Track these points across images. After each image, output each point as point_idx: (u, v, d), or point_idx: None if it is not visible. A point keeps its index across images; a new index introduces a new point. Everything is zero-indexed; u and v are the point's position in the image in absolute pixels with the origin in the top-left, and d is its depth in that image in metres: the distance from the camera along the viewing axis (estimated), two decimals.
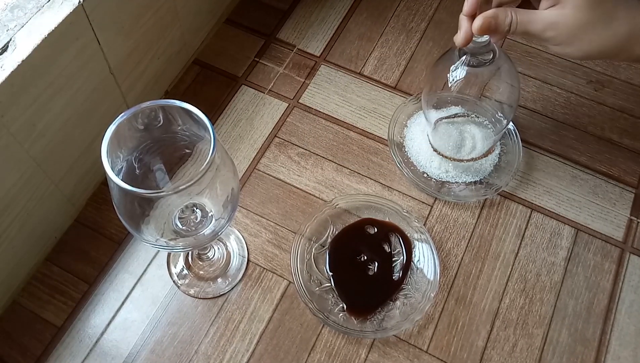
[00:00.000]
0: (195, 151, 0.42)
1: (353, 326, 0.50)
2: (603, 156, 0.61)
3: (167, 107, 0.38)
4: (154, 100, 0.37)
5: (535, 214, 0.57)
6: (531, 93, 0.65)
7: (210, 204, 0.43)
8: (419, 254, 0.54)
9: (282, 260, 0.54)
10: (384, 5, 0.71)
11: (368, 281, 0.53)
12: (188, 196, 0.40)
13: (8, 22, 0.43)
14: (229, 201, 0.41)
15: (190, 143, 0.41)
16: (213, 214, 0.43)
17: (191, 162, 0.42)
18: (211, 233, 0.43)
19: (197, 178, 0.34)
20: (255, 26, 0.69)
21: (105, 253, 0.54)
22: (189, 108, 0.37)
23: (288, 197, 0.58)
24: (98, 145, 0.35)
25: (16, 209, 0.47)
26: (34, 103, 0.44)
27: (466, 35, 0.45)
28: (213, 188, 0.39)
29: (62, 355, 0.50)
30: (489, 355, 0.50)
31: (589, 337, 0.51)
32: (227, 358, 0.50)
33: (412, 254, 0.54)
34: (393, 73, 0.66)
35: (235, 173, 0.41)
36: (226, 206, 0.41)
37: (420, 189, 0.58)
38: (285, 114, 0.63)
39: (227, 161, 0.39)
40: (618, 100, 0.64)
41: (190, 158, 0.42)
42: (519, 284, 0.54)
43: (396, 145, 0.60)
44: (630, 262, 0.55)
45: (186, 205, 0.43)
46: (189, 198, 0.42)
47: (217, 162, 0.37)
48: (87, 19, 0.46)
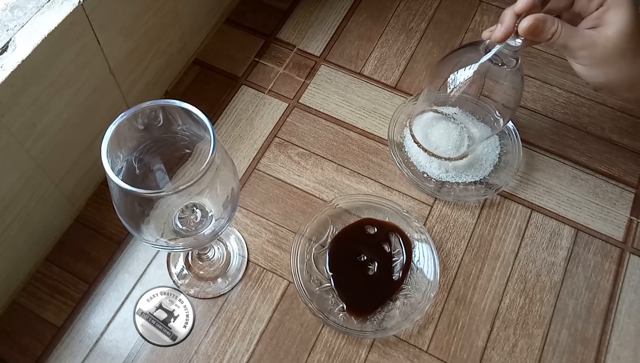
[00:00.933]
0: (195, 151, 0.42)
1: (353, 326, 0.50)
2: (603, 156, 0.61)
3: (167, 107, 0.38)
4: (154, 100, 0.37)
5: (535, 215, 0.57)
6: (531, 93, 0.65)
7: (210, 204, 0.43)
8: (419, 254, 0.54)
9: (282, 260, 0.54)
10: (384, 5, 0.71)
11: (368, 281, 0.53)
12: (188, 196, 0.40)
13: (8, 22, 0.43)
14: (229, 201, 0.41)
15: (191, 143, 0.41)
16: (213, 214, 0.43)
17: (191, 162, 0.42)
18: (211, 233, 0.43)
19: (197, 178, 0.34)
20: (256, 26, 0.69)
21: (105, 253, 0.54)
22: (189, 108, 0.37)
23: (288, 197, 0.58)
24: (98, 145, 0.35)
25: (16, 210, 0.47)
26: (34, 103, 0.44)
27: (507, 30, 0.45)
28: (213, 188, 0.39)
29: (62, 355, 0.50)
30: (489, 355, 0.50)
31: (589, 337, 0.51)
32: (227, 358, 0.50)
33: (412, 254, 0.54)
34: (393, 73, 0.66)
35: (235, 173, 0.41)
36: (226, 206, 0.41)
37: (420, 189, 0.58)
38: (285, 114, 0.63)
39: (227, 161, 0.39)
40: (618, 100, 0.64)
41: (190, 158, 0.42)
42: (519, 284, 0.54)
43: (396, 145, 0.60)
44: (630, 262, 0.55)
45: (186, 205, 0.43)
46: (189, 198, 0.42)
47: (217, 162, 0.37)
48: (87, 19, 0.46)
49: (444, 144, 0.56)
